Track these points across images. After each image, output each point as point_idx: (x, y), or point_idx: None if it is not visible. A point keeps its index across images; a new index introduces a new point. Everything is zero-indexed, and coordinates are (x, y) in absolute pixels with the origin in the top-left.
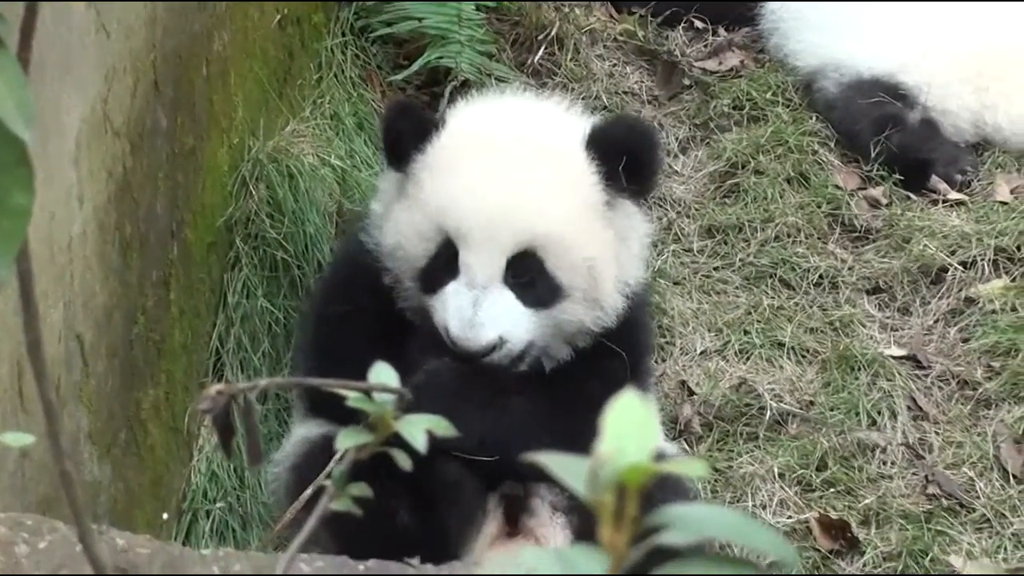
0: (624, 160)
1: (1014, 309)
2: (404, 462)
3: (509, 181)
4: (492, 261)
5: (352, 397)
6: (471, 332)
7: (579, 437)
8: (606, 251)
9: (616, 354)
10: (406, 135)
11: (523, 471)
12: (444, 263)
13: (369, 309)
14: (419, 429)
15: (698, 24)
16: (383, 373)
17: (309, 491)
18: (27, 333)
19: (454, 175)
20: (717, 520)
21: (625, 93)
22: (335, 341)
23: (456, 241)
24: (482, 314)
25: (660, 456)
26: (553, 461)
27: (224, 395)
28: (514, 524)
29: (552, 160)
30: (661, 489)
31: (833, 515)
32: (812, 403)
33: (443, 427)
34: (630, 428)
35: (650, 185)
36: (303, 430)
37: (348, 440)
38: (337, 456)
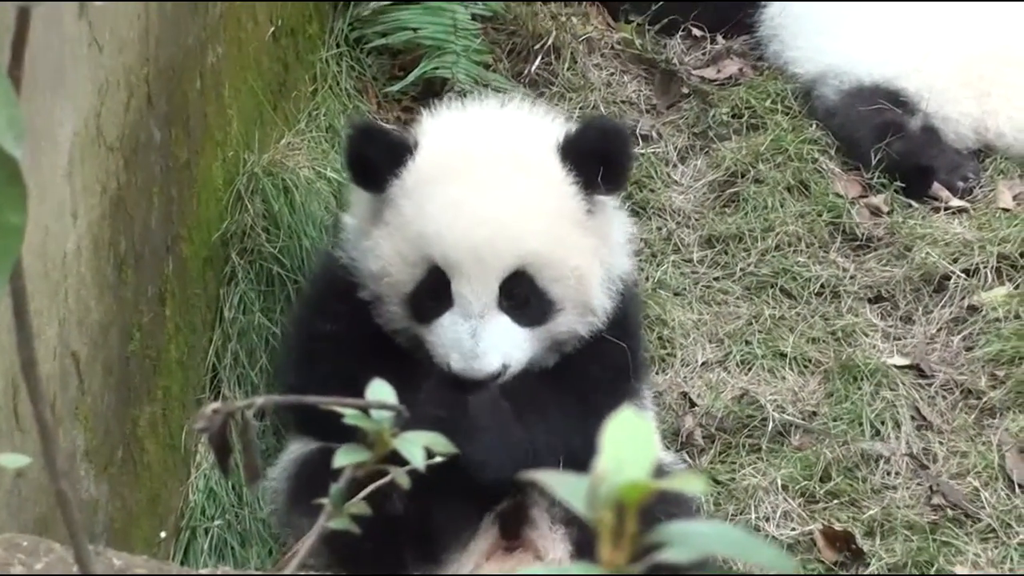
0: (600, 168)
1: (1017, 317)
2: (403, 480)
3: (491, 205)
4: (485, 289)
5: (349, 415)
6: (475, 363)
7: (593, 424)
8: (591, 257)
9: (613, 344)
10: (377, 160)
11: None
12: (434, 291)
13: (351, 326)
14: (416, 447)
15: (696, 32)
16: (380, 391)
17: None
18: (21, 351)
19: (434, 202)
20: (718, 536)
21: (623, 102)
22: (319, 360)
23: (446, 271)
24: (483, 344)
25: (659, 469)
26: (551, 479)
27: (220, 413)
28: (514, 536)
29: (531, 177)
30: (661, 502)
31: (837, 527)
32: (815, 414)
33: (440, 444)
34: (628, 443)
35: (624, 182)
36: (299, 443)
37: (346, 458)
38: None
